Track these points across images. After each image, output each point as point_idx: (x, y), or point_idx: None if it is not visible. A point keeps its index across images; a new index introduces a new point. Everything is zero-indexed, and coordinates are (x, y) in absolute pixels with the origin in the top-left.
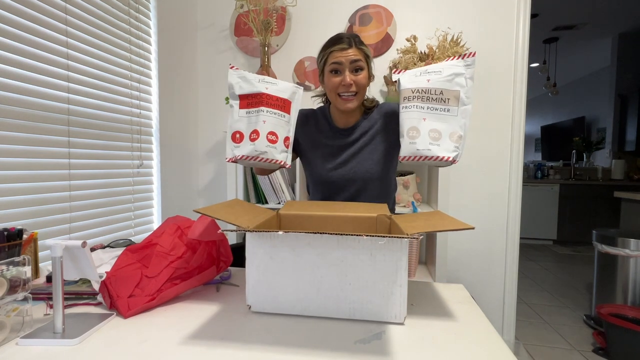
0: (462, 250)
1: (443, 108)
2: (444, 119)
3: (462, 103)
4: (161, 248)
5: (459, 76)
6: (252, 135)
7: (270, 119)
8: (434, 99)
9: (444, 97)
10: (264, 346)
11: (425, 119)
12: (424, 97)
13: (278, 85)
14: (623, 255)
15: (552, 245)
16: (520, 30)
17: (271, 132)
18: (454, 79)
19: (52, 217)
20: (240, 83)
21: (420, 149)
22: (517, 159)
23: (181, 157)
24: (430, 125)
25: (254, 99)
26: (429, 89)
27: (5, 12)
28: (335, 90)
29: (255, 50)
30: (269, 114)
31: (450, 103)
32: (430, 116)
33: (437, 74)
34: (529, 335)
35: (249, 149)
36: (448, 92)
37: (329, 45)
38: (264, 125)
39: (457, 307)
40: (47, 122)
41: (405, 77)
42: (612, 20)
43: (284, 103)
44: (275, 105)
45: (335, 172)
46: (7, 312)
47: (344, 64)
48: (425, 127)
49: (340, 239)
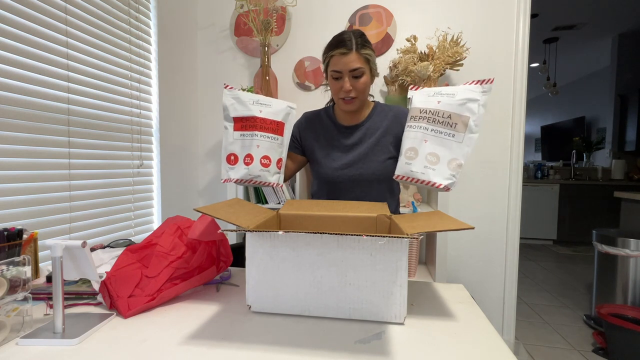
0: (462, 250)
1: (449, 133)
2: (447, 144)
3: (469, 130)
4: (161, 248)
5: (472, 102)
6: (246, 159)
7: (263, 143)
8: (441, 122)
9: (451, 122)
10: (264, 346)
11: (427, 141)
12: (430, 118)
13: (272, 107)
14: (623, 255)
15: (552, 245)
16: (520, 30)
17: (265, 157)
18: (466, 103)
19: (52, 217)
20: (234, 105)
21: (414, 171)
22: (517, 159)
23: (181, 157)
24: (430, 148)
25: (248, 122)
26: (438, 111)
27: (5, 12)
28: (337, 94)
29: (255, 50)
30: (263, 138)
31: (457, 128)
32: (433, 139)
33: (449, 96)
34: (529, 335)
35: (243, 173)
36: (457, 117)
37: (331, 48)
38: (258, 150)
39: (457, 307)
40: (47, 122)
41: (417, 96)
42: (612, 20)
43: (277, 126)
44: (268, 129)
45: (342, 172)
46: (7, 312)
47: (343, 72)
48: (424, 149)
49: (340, 239)
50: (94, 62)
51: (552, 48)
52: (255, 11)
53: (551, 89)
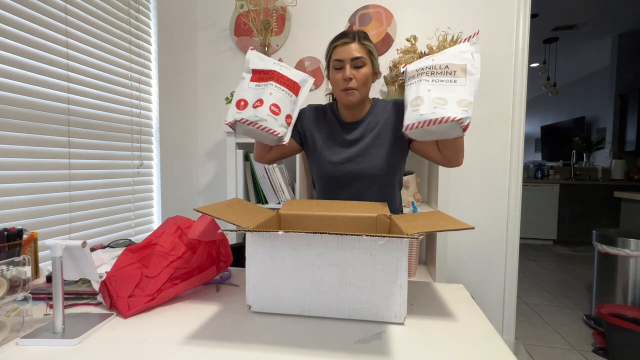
0: (462, 250)
1: (450, 80)
2: (451, 88)
3: (469, 74)
4: (161, 248)
5: (464, 52)
6: (256, 103)
7: (277, 93)
8: (440, 72)
9: (449, 70)
10: (264, 346)
11: (430, 90)
12: (429, 72)
13: (291, 71)
14: (623, 255)
15: (552, 245)
16: (520, 30)
17: (275, 104)
18: (460, 54)
19: (52, 217)
20: (256, 60)
21: (424, 114)
22: (517, 159)
23: (181, 157)
24: (436, 94)
25: (266, 74)
26: (434, 65)
27: (5, 12)
28: (338, 86)
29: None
30: (277, 88)
31: (457, 75)
32: (436, 87)
33: (442, 54)
34: (529, 335)
35: (250, 114)
36: (454, 66)
37: (333, 41)
38: (270, 97)
39: (457, 307)
40: (47, 122)
41: (410, 66)
42: (612, 20)
43: (294, 85)
44: (284, 84)
45: (342, 166)
46: (7, 312)
47: (345, 60)
48: (430, 95)
49: (340, 239)
50: (94, 62)
51: (552, 48)
52: (255, 11)
53: (551, 89)
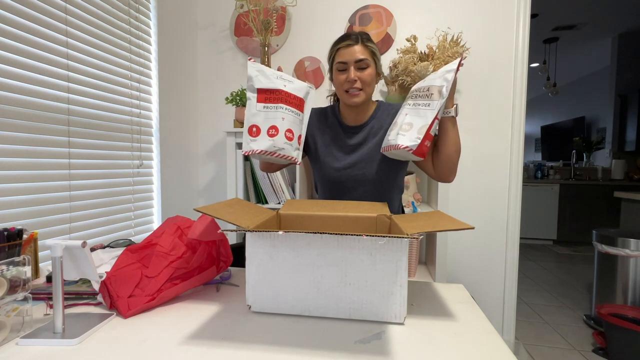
0: (462, 250)
1: (426, 103)
2: (424, 113)
3: (442, 97)
4: (161, 248)
5: (449, 72)
6: (271, 130)
7: (288, 116)
8: (421, 96)
9: (429, 93)
10: (264, 346)
11: (407, 114)
12: (415, 95)
13: (294, 84)
14: (623, 255)
15: (552, 245)
16: (520, 30)
17: (289, 130)
18: (444, 75)
19: (52, 217)
20: (259, 76)
21: (390, 139)
22: (517, 159)
23: (181, 157)
24: (408, 119)
25: (273, 94)
26: (421, 87)
27: (5, 12)
28: (341, 87)
29: (255, 50)
30: (288, 111)
31: (432, 97)
32: (412, 111)
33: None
34: (528, 335)
35: (268, 144)
36: (434, 88)
37: (336, 43)
38: (283, 123)
39: (457, 307)
40: (47, 122)
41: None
42: (612, 20)
43: (300, 102)
44: (292, 104)
45: (345, 172)
46: (7, 312)
47: (349, 62)
48: (402, 120)
49: (340, 239)
50: (94, 62)
51: (552, 48)
52: (255, 11)
53: (551, 89)
